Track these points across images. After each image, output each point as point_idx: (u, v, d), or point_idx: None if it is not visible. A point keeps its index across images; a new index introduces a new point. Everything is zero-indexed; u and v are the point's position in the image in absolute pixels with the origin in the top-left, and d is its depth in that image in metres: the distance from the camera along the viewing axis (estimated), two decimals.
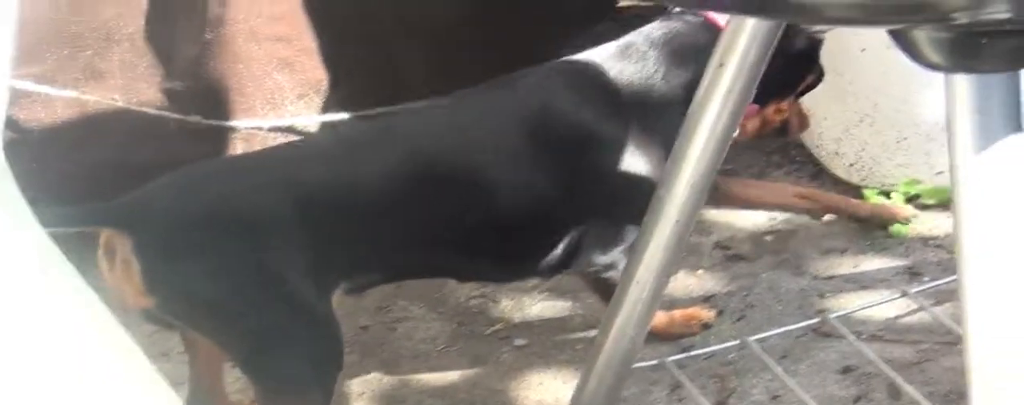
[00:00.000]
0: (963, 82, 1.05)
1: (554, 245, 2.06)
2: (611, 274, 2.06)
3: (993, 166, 1.07)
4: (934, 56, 1.04)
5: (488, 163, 2.02)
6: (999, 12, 0.93)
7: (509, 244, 2.05)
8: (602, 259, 2.07)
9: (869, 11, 0.97)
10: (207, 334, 1.89)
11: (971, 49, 1.02)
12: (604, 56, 2.12)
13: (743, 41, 1.46)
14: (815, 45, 2.23)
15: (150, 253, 1.81)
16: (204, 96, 2.67)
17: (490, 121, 2.06)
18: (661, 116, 2.06)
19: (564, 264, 2.08)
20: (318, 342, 1.88)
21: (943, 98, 2.31)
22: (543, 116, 2.05)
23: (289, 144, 2.49)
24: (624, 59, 2.11)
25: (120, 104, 2.67)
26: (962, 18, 0.95)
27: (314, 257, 1.87)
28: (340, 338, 1.91)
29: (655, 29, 2.16)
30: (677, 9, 2.21)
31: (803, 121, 2.36)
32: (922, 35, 1.03)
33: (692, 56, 2.07)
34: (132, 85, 2.68)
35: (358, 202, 1.93)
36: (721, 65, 1.49)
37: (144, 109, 2.67)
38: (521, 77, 2.12)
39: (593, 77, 2.10)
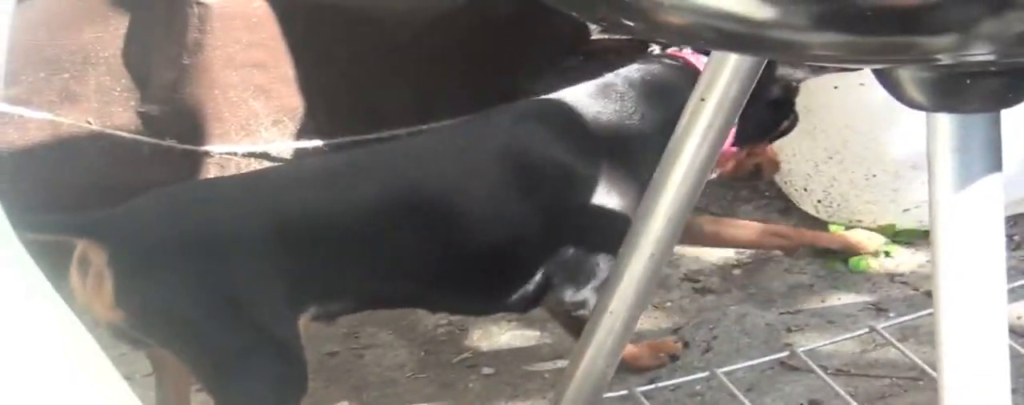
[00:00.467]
0: (945, 121, 1.06)
1: (526, 280, 2.06)
2: (582, 312, 2.06)
3: (972, 205, 1.08)
4: (917, 95, 1.05)
5: (462, 196, 2.03)
6: (983, 53, 0.94)
7: (481, 278, 2.06)
8: (574, 297, 2.07)
9: (854, 50, 0.97)
10: (175, 352, 1.90)
11: (954, 89, 1.03)
12: (581, 95, 2.14)
13: (725, 77, 1.47)
14: (791, 92, 2.26)
15: (124, 267, 1.82)
16: (179, 120, 2.67)
17: (466, 155, 2.07)
18: (636, 156, 2.07)
19: (536, 299, 2.09)
20: (283, 367, 1.89)
21: (911, 136, 2.35)
22: (518, 152, 2.06)
23: (270, 169, 2.51)
24: (603, 98, 2.12)
25: (94, 127, 2.68)
26: (946, 58, 0.95)
27: (287, 282, 1.89)
28: (305, 364, 1.91)
29: (633, 70, 2.19)
30: (655, 50, 2.23)
31: (774, 165, 2.38)
32: (906, 74, 1.04)
33: (669, 98, 2.09)
34: (107, 108, 2.68)
35: (333, 230, 1.94)
36: (702, 100, 1.50)
37: (118, 132, 2.67)
38: (497, 113, 2.13)
39: (568, 115, 2.11)
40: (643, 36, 2.45)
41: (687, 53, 2.20)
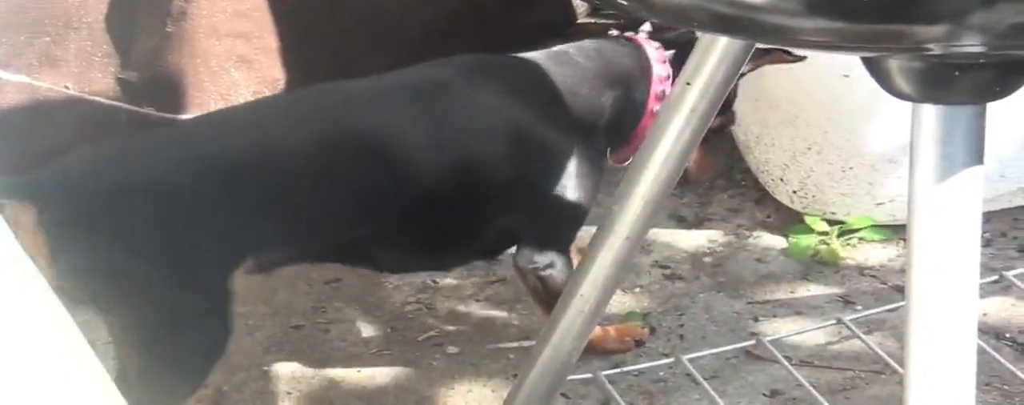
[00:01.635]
0: (931, 112, 1.06)
1: (479, 234, 2.07)
2: (549, 272, 2.07)
3: (951, 197, 1.08)
4: (905, 85, 1.05)
5: (410, 143, 2.00)
6: (973, 45, 0.94)
7: (430, 230, 2.05)
8: (540, 258, 2.08)
9: (844, 37, 0.97)
10: (108, 310, 1.87)
11: (942, 80, 1.04)
12: (537, 56, 2.14)
13: (712, 61, 1.47)
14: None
15: (55, 225, 1.79)
16: (159, 88, 2.67)
17: (415, 100, 2.04)
18: (586, 121, 2.09)
19: (492, 252, 2.09)
20: (212, 326, 1.88)
21: (891, 130, 2.36)
22: (465, 100, 2.05)
23: (204, 118, 2.44)
24: (556, 63, 2.12)
25: (73, 92, 2.67)
26: (936, 49, 0.95)
27: (223, 231, 1.86)
28: (230, 325, 1.89)
29: (587, 43, 2.20)
30: (613, 33, 2.24)
31: (703, 165, 2.36)
32: (895, 64, 1.04)
33: (619, 71, 2.12)
34: (86, 74, 2.67)
35: (269, 175, 1.91)
36: (688, 83, 1.50)
37: (96, 98, 2.66)
38: (448, 62, 2.12)
39: (520, 71, 2.12)
40: (635, 15, 2.45)
41: (640, 37, 2.21)
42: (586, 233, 1.95)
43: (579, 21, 3.11)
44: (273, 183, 1.91)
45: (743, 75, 2.25)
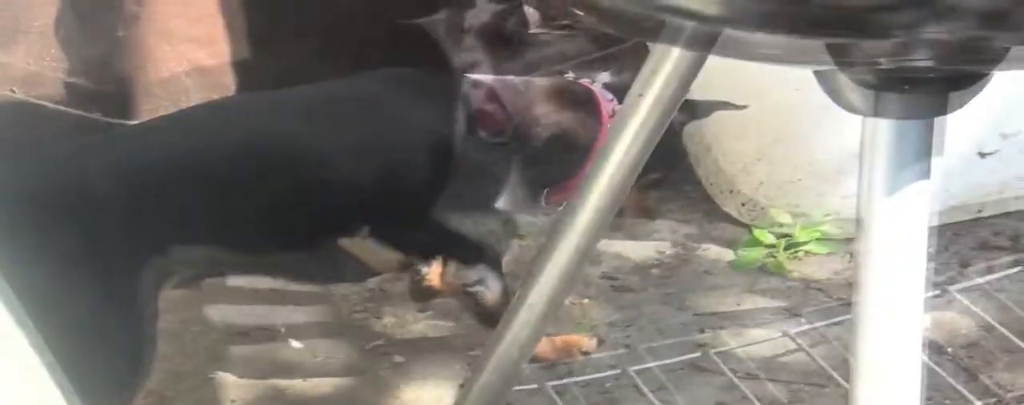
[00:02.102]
0: (881, 126, 1.07)
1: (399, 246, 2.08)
2: (479, 289, 2.08)
3: (899, 211, 1.09)
4: (855, 99, 1.06)
5: (331, 154, 1.99)
6: (923, 59, 0.95)
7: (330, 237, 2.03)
8: (469, 274, 2.08)
9: (795, 51, 0.98)
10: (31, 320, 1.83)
11: (892, 94, 1.04)
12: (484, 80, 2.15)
13: (664, 73, 1.47)
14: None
15: None
16: (108, 94, 2.64)
17: (338, 111, 2.05)
18: (516, 144, 2.11)
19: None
20: (135, 340, 1.83)
21: (842, 141, 2.36)
22: (397, 112, 2.05)
23: (130, 126, 2.44)
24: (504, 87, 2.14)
25: (18, 96, 2.65)
26: (887, 63, 0.96)
27: (137, 242, 1.83)
28: (155, 338, 1.86)
29: (540, 80, 2.24)
30: (570, 76, 2.26)
31: (637, 208, 2.34)
32: (845, 78, 1.05)
33: (562, 110, 2.15)
34: (34, 77, 2.65)
35: (194, 183, 1.90)
36: (640, 95, 1.50)
37: (43, 103, 2.64)
38: (385, 74, 2.13)
39: (456, 87, 2.12)
40: (589, 26, 2.45)
41: (595, 86, 2.21)
42: None
43: (531, 30, 3.11)
44: (195, 192, 1.89)
45: (684, 125, 2.27)
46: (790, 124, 2.50)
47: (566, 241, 1.65)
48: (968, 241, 2.56)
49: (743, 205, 2.60)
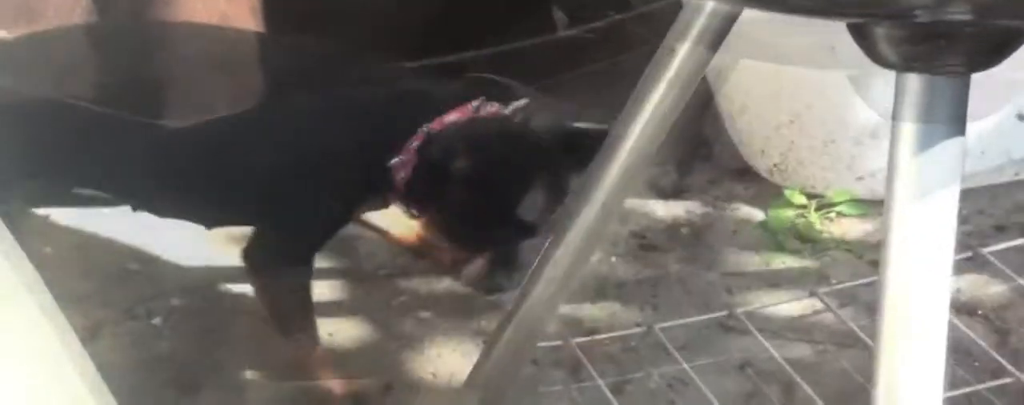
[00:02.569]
0: (913, 82, 1.05)
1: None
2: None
3: (931, 168, 1.07)
4: (890, 53, 1.04)
5: None
6: (960, 13, 0.93)
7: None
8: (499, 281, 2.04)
9: (831, 3, 0.96)
10: None
11: (927, 49, 1.02)
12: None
13: (697, 27, 1.46)
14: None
15: None
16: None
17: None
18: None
19: None
20: None
21: (875, 104, 2.34)
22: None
23: None
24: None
25: None
26: (923, 16, 0.94)
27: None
28: None
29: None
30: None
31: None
32: (881, 31, 1.03)
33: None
34: (66, 22, 2.65)
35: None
36: (671, 50, 1.48)
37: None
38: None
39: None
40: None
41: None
42: None
43: (560, 32, 3.10)
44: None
45: None
46: (824, 86, 2.47)
47: (593, 199, 1.64)
48: (1003, 204, 2.53)
49: (775, 166, 2.58)
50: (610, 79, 2.96)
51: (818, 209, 2.49)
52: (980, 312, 2.20)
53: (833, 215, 2.49)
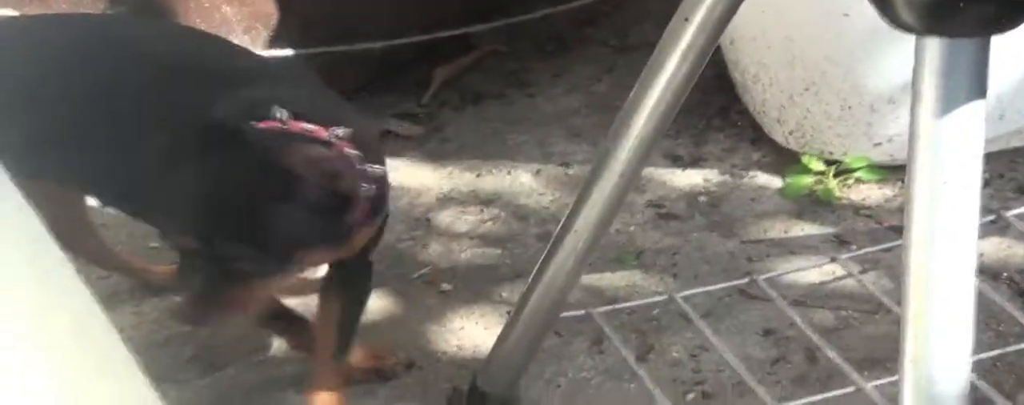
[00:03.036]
0: (933, 45, 1.05)
1: None
2: None
3: (953, 130, 1.07)
4: (908, 17, 1.04)
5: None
6: None
7: None
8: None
9: None
10: None
11: (947, 12, 1.02)
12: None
13: None
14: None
15: None
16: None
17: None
18: None
19: None
20: None
21: (890, 70, 2.34)
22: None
23: None
24: None
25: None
26: None
27: None
28: None
29: None
30: None
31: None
32: None
33: None
34: (75, 8, 2.65)
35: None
36: (685, 19, 1.48)
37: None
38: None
39: None
40: None
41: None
42: None
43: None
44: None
45: None
46: (839, 52, 2.46)
47: (610, 168, 1.64)
48: None
49: (791, 133, 2.57)
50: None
51: (836, 175, 2.48)
52: (1004, 275, 2.20)
53: (851, 181, 2.49)
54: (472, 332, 2.18)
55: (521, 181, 2.59)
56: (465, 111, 2.84)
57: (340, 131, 1.69)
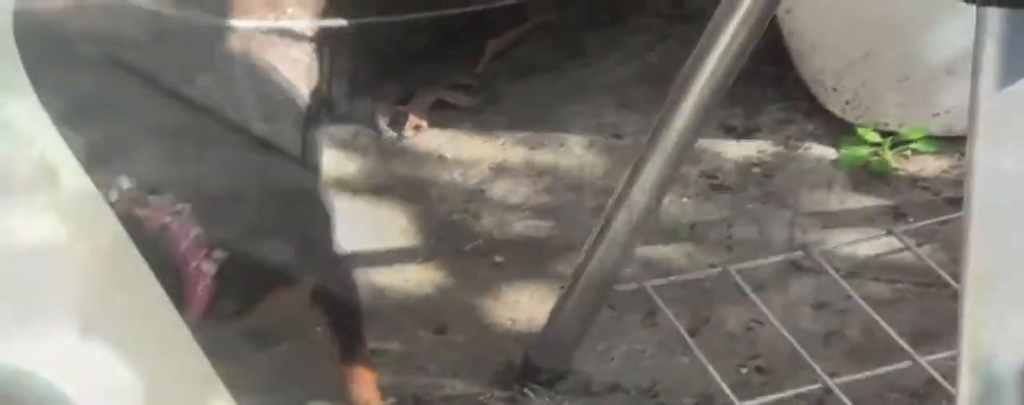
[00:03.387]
0: (995, 16, 1.04)
1: None
2: None
3: (1014, 103, 1.06)
4: None
5: None
6: None
7: None
8: None
9: None
10: None
11: None
12: None
13: None
14: None
15: None
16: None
17: None
18: None
19: None
20: None
21: (950, 40, 2.31)
22: None
23: None
24: None
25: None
26: None
27: None
28: None
29: None
30: None
31: None
32: None
33: None
34: None
35: None
36: None
37: (140, 4, 2.64)
38: None
39: None
40: None
41: None
42: None
43: None
44: None
45: None
46: (896, 21, 2.44)
47: (665, 137, 1.63)
48: None
49: (847, 103, 2.55)
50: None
51: (892, 147, 2.46)
52: None
53: (908, 152, 2.46)
54: (525, 305, 2.17)
55: (574, 152, 2.58)
56: (518, 82, 2.83)
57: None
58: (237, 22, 2.59)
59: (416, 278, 2.26)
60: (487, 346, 2.11)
